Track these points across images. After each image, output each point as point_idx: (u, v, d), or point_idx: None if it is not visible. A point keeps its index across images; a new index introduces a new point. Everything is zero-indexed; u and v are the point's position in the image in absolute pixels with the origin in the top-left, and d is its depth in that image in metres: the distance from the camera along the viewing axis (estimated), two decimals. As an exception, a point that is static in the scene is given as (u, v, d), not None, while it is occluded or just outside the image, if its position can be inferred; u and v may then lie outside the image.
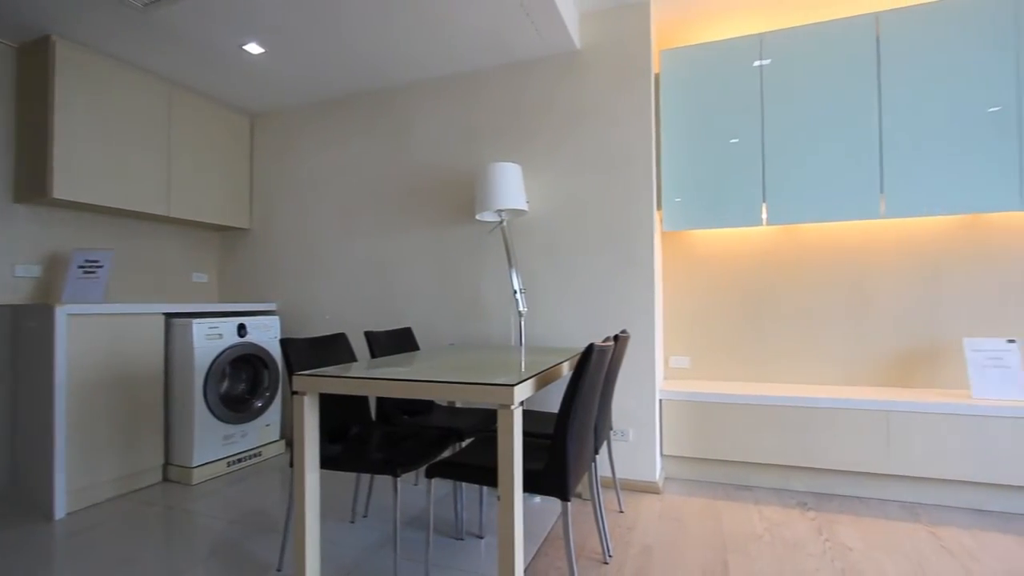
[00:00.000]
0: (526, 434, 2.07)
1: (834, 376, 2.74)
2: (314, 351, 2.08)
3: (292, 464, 1.67)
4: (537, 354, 2.14)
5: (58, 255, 2.82)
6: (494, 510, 2.32)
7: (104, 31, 2.54)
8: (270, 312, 3.45)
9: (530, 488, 1.56)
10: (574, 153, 2.73)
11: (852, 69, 2.46)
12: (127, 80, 2.86)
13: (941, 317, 2.58)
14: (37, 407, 2.40)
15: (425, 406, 2.52)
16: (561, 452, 1.51)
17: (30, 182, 2.61)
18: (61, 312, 2.34)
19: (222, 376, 2.94)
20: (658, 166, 2.74)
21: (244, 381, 3.11)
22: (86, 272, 2.73)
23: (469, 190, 2.96)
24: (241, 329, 2.97)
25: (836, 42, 2.48)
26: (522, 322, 2.61)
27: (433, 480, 1.73)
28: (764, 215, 2.57)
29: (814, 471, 2.50)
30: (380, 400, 2.34)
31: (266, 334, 3.14)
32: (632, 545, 2.02)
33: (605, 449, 2.66)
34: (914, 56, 2.38)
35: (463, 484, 2.28)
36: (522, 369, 1.68)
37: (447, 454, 2.25)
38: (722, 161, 2.64)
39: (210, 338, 2.80)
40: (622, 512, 2.33)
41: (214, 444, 2.82)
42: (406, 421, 2.34)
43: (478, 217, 2.69)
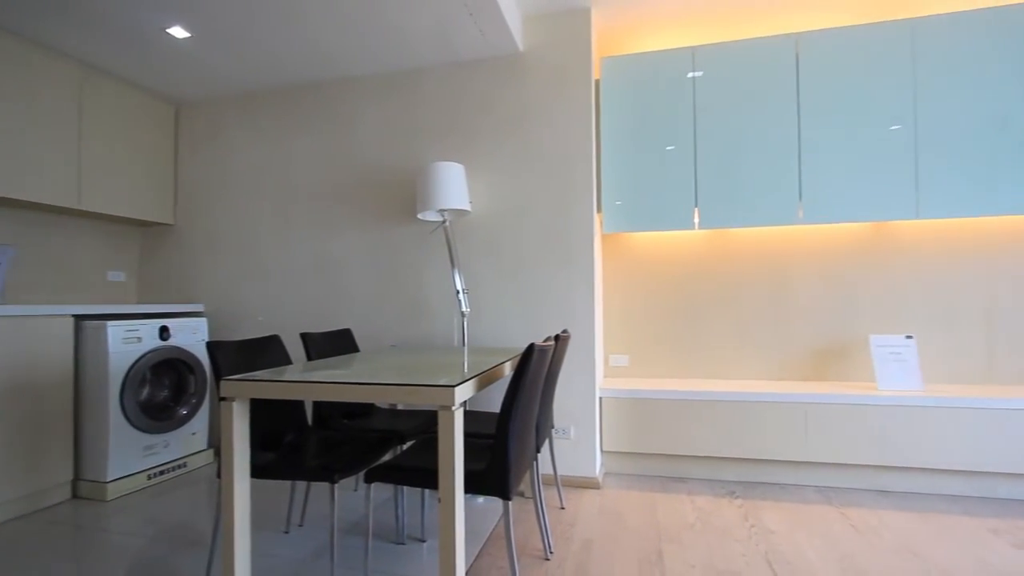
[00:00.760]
0: (468, 435, 2.07)
1: (760, 372, 2.92)
2: (245, 354, 1.98)
3: (220, 474, 1.58)
4: (479, 354, 2.14)
5: (-55, 251, 2.52)
6: (436, 513, 2.30)
7: (5, 4, 2.30)
8: (197, 314, 3.25)
9: (472, 489, 1.56)
10: (517, 154, 2.75)
11: (775, 85, 2.63)
12: (31, 59, 2.60)
13: (851, 316, 2.81)
14: (-82, 422, 2.14)
15: (365, 409, 2.46)
16: (502, 452, 1.52)
17: (-91, 169, 2.32)
18: (-52, 315, 2.09)
19: (142, 383, 2.74)
20: (598, 169, 2.82)
21: (167, 388, 2.91)
22: (-21, 270, 2.46)
23: (411, 189, 2.92)
24: (163, 332, 2.78)
25: (761, 59, 2.64)
26: (465, 323, 2.60)
27: (373, 485, 1.69)
28: (696, 219, 2.70)
29: (742, 461, 2.66)
30: (317, 404, 2.26)
31: (192, 337, 2.96)
32: (573, 540, 2.06)
33: (547, 447, 2.70)
34: (827, 75, 2.58)
35: (404, 488, 2.24)
36: (464, 370, 1.68)
37: (388, 458, 2.21)
38: (659, 167, 2.75)
39: (127, 342, 2.60)
40: (563, 508, 2.37)
41: (132, 456, 2.62)
42: (345, 425, 2.27)
43: (420, 216, 2.66)
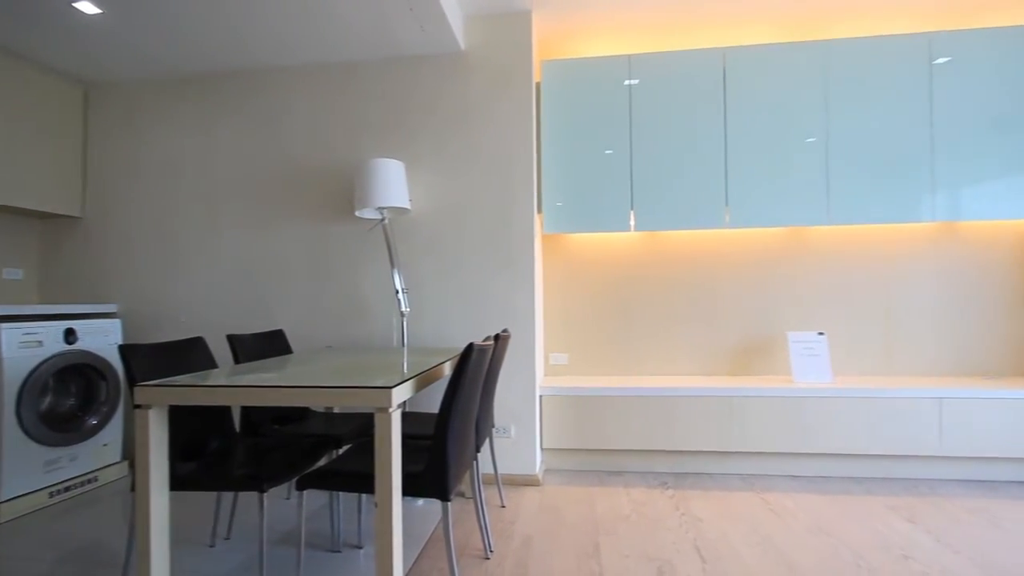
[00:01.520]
0: (407, 436, 2.04)
1: (691, 368, 3.07)
2: (164, 358, 1.85)
3: (134, 487, 1.46)
4: (419, 355, 2.11)
5: None
6: (373, 518, 2.24)
7: None
8: (109, 315, 2.99)
9: (410, 491, 1.54)
10: (458, 154, 2.74)
11: (704, 95, 2.77)
12: (-96, 28, 2.30)
13: (772, 314, 3.01)
14: None
15: (299, 414, 2.36)
16: (441, 453, 1.51)
17: None
18: None
19: (43, 391, 2.49)
20: (539, 171, 2.86)
21: (74, 396, 2.66)
22: None
23: (349, 185, 2.84)
24: (69, 335, 2.54)
25: (691, 70, 2.78)
26: (404, 323, 2.56)
27: (306, 492, 1.63)
28: (632, 222, 2.80)
29: (674, 453, 2.78)
30: (246, 410, 2.15)
31: (103, 340, 2.72)
32: (513, 538, 2.08)
33: (488, 446, 2.70)
34: (751, 89, 2.75)
35: (340, 494, 2.18)
36: (404, 370, 1.65)
37: (323, 463, 2.13)
38: (597, 170, 2.82)
39: (26, 346, 2.36)
40: (504, 507, 2.39)
41: (31, 472, 2.38)
42: (276, 431, 2.18)
43: (358, 214, 2.59)
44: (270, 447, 1.90)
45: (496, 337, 2.04)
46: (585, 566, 1.85)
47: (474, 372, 1.62)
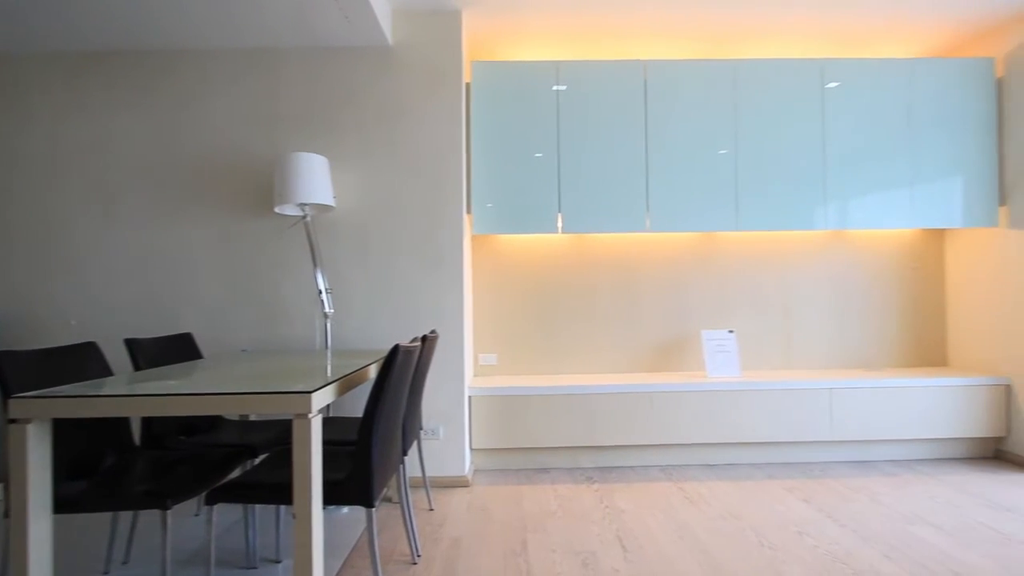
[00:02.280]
0: (330, 443, 1.96)
1: (614, 365, 3.19)
2: (48, 365, 1.66)
3: (8, 513, 1.30)
4: (343, 357, 2.04)
5: None
6: (292, 530, 2.14)
7: None
8: (-21, 318, 2.63)
9: (332, 500, 1.48)
10: (386, 151, 2.67)
11: (627, 104, 2.89)
12: None
13: (688, 314, 3.20)
14: None
15: (209, 423, 2.21)
16: (365, 458, 1.47)
17: None
18: None
19: None
20: (468, 171, 2.85)
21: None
22: None
23: (267, 179, 2.68)
24: (-74, 342, 2.21)
25: (615, 79, 2.89)
26: (328, 324, 2.46)
27: (216, 507, 1.52)
28: (560, 224, 2.86)
29: (599, 449, 2.88)
30: (147, 421, 1.97)
31: (-29, 347, 2.39)
32: (441, 540, 2.06)
33: (415, 449, 2.66)
34: (671, 101, 2.90)
35: (256, 507, 2.05)
36: (328, 374, 1.59)
37: (237, 475, 2.00)
38: (527, 172, 2.86)
39: None
40: (432, 510, 2.36)
41: None
42: (183, 443, 2.02)
43: (277, 210, 2.46)
44: (175, 460, 1.76)
45: (424, 338, 2.01)
46: (513, 564, 1.87)
47: (400, 374, 1.59)
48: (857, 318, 3.24)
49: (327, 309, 2.44)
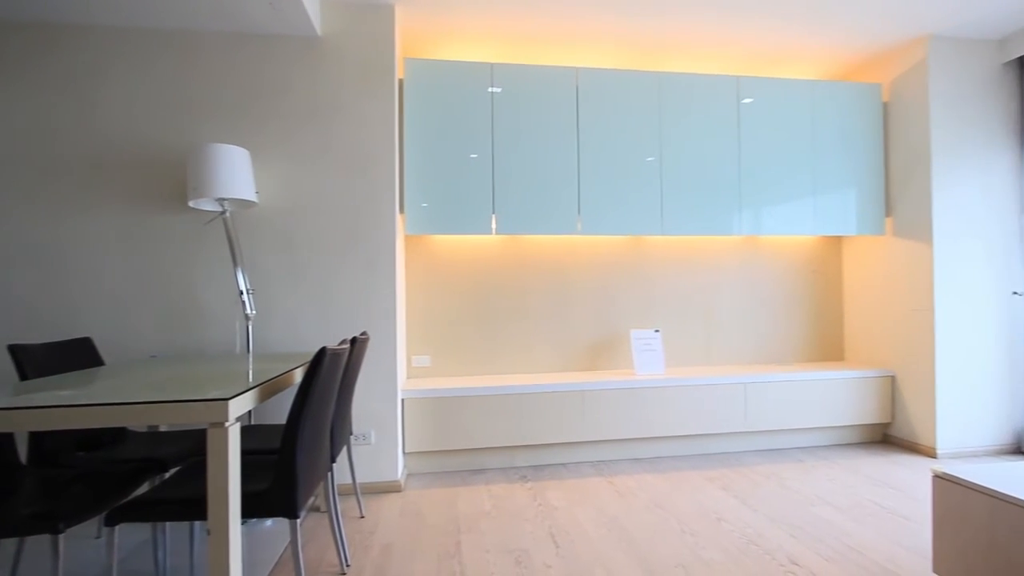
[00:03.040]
0: (251, 452, 1.86)
1: (547, 365, 3.25)
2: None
3: None
4: (266, 362, 1.94)
5: None
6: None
7: None
8: None
9: (253, 512, 1.40)
10: (314, 146, 2.57)
11: (560, 109, 2.96)
12: None
13: (617, 314, 3.33)
14: None
15: (113, 436, 2.02)
16: (288, 467, 1.40)
17: None
18: None
19: None
20: (401, 170, 2.80)
21: None
22: None
23: (180, 171, 2.49)
24: None
25: (548, 84, 2.95)
26: (250, 327, 2.33)
27: (121, 527, 1.40)
28: (493, 225, 2.88)
29: (532, 447, 2.92)
30: (37, 436, 1.77)
31: None
32: (372, 548, 2.01)
33: (345, 455, 2.58)
34: (601, 108, 3.00)
35: (167, 525, 1.90)
36: (249, 379, 1.50)
37: (145, 491, 1.85)
38: (462, 172, 2.85)
39: None
40: (363, 517, 2.29)
41: None
42: (81, 459, 1.83)
43: (192, 205, 2.29)
44: (71, 479, 1.59)
45: (353, 340, 1.95)
46: (446, 566, 1.86)
47: (327, 378, 1.53)
48: (768, 317, 3.51)
49: (248, 311, 2.31)
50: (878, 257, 3.33)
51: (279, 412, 2.51)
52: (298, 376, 1.78)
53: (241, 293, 2.30)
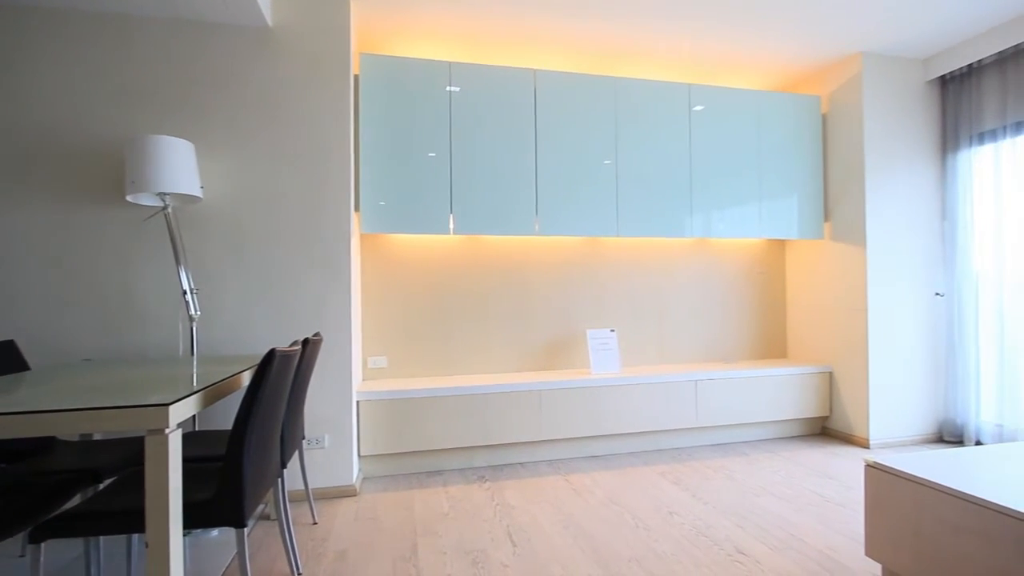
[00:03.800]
0: (196, 459, 1.77)
1: (505, 365, 3.26)
2: None
3: None
4: (212, 364, 1.85)
5: None
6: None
7: None
8: None
9: (197, 522, 1.34)
10: (265, 140, 2.48)
11: (519, 111, 2.98)
12: None
13: (574, 314, 3.37)
14: None
15: (39, 446, 1.88)
16: (235, 474, 1.34)
17: None
18: None
19: None
20: (357, 167, 2.74)
21: None
22: None
23: (117, 164, 2.35)
24: None
25: (508, 85, 2.96)
26: (194, 328, 2.22)
27: (45, 544, 1.30)
28: (452, 225, 2.86)
29: (490, 447, 2.92)
30: (-51, 448, 1.63)
31: None
32: (326, 555, 1.96)
33: (296, 459, 2.50)
34: (558, 110, 3.04)
35: (100, 539, 1.79)
36: (193, 383, 1.43)
37: (77, 504, 1.73)
38: (420, 171, 2.82)
39: None
40: (316, 523, 2.23)
41: None
42: (2, 471, 1.69)
43: (130, 199, 2.17)
44: (-11, 493, 1.47)
45: (305, 342, 1.90)
46: (403, 570, 1.83)
47: (277, 381, 1.48)
48: (718, 317, 3.64)
49: (193, 312, 2.20)
50: (818, 260, 3.52)
51: (227, 417, 2.40)
52: (246, 379, 1.72)
53: (185, 293, 2.19)
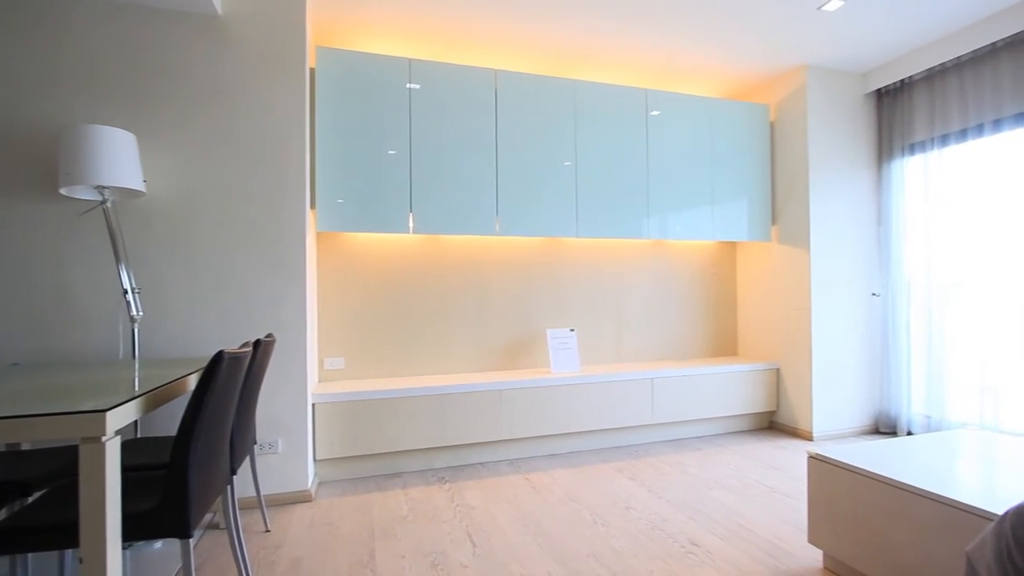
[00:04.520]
0: (138, 468, 1.68)
1: (465, 365, 3.25)
2: None
3: None
4: (155, 367, 1.76)
5: None
6: (85, 576, 1.78)
7: None
8: None
9: (138, 534, 1.27)
10: (214, 134, 2.37)
11: (478, 110, 2.97)
12: None
13: (534, 313, 3.40)
14: None
15: (-43, 458, 1.73)
16: (179, 483, 1.28)
17: None
18: None
19: None
20: (312, 164, 2.67)
21: None
22: None
23: (47, 154, 2.20)
24: None
25: (468, 84, 2.95)
26: (136, 330, 2.11)
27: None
28: (411, 224, 2.83)
29: (451, 448, 2.90)
30: None
31: None
32: (278, 563, 1.90)
33: (248, 465, 2.41)
34: (518, 110, 3.05)
35: (28, 556, 1.67)
36: (134, 387, 1.36)
37: (2, 518, 1.61)
38: (379, 169, 2.77)
39: None
40: (269, 531, 2.16)
41: None
42: (-87, 487, 1.55)
43: (64, 192, 2.03)
44: (-102, 511, 1.35)
45: (257, 343, 1.83)
46: (359, 575, 1.80)
47: (225, 384, 1.42)
48: (673, 316, 3.75)
49: (134, 312, 2.09)
50: (766, 261, 3.68)
51: (172, 423, 2.29)
52: (193, 383, 1.64)
53: (125, 292, 2.07)
